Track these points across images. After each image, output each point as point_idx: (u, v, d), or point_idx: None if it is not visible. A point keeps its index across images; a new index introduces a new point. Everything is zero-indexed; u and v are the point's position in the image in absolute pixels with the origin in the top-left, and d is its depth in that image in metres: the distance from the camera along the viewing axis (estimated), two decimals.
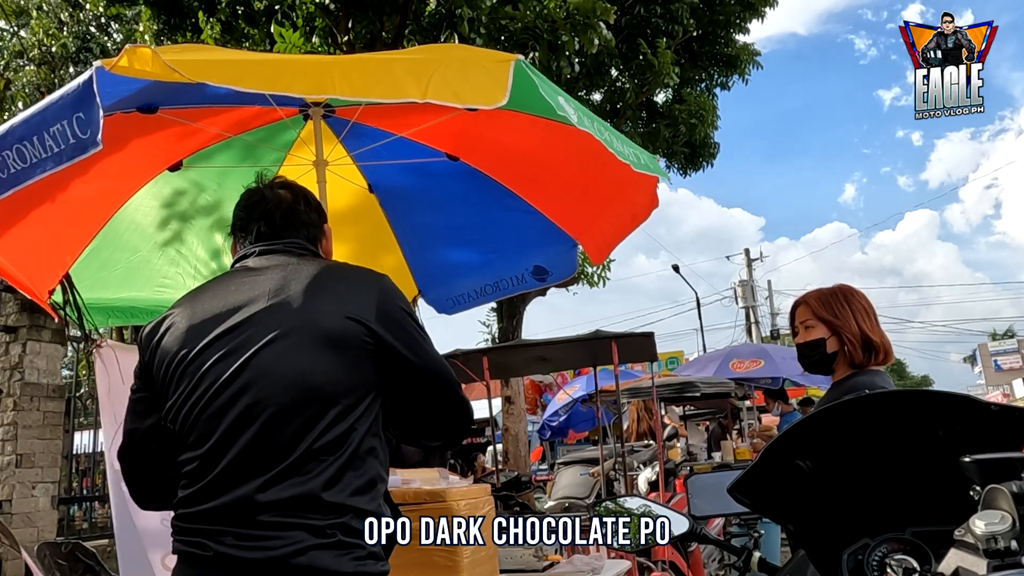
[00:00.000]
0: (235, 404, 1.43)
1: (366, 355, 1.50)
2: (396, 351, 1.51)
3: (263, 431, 1.41)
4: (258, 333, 1.47)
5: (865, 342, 2.05)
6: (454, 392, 1.60)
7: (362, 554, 1.42)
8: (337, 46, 7.40)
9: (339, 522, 1.39)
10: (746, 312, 26.40)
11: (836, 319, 2.08)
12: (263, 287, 1.54)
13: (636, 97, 9.34)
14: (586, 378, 9.19)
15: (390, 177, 3.30)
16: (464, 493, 2.16)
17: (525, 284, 3.66)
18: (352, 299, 1.53)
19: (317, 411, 1.43)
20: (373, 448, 1.50)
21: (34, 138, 1.81)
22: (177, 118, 2.48)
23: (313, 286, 1.53)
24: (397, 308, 1.57)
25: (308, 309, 1.49)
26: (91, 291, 2.92)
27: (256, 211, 1.72)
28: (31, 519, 5.69)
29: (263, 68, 1.94)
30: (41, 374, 5.88)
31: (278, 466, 1.39)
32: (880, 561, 0.99)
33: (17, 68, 11.99)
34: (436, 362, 1.58)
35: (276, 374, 1.44)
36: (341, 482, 1.42)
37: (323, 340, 1.47)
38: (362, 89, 1.91)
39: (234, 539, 1.37)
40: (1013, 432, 0.98)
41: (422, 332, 1.59)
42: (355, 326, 1.49)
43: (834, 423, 1.06)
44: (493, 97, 1.88)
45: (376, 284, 1.58)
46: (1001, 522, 0.81)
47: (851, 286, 2.16)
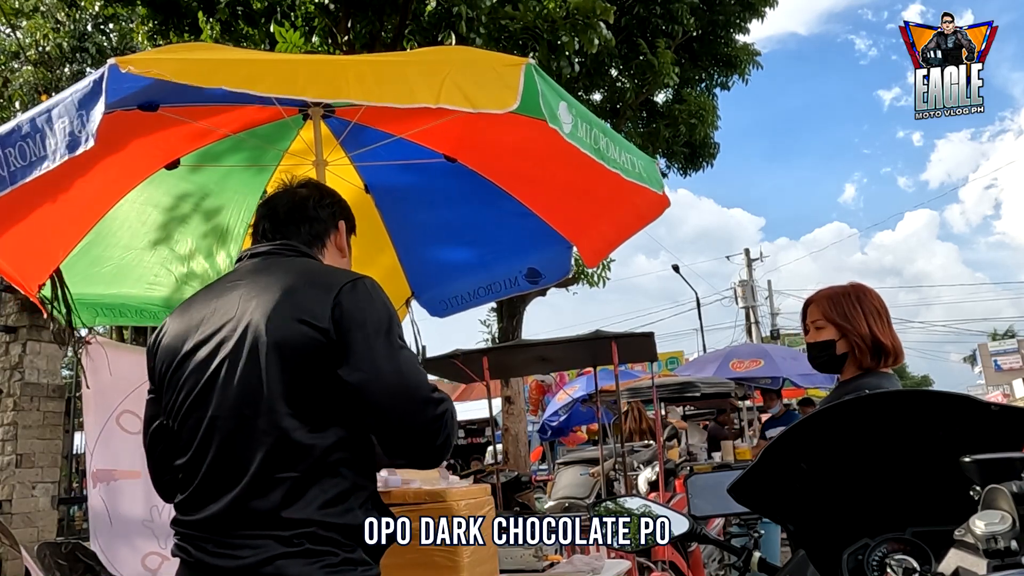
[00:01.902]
0: (203, 419, 1.47)
1: (319, 361, 1.42)
2: (346, 358, 1.40)
3: (223, 448, 1.44)
4: (223, 344, 1.48)
5: (875, 345, 2.02)
6: (417, 409, 1.42)
7: (334, 561, 1.39)
8: (337, 46, 7.40)
9: (306, 532, 1.38)
10: (746, 312, 26.41)
11: (846, 322, 2.05)
12: (237, 296, 1.54)
13: (636, 97, 9.33)
14: (586, 378, 9.19)
15: (386, 177, 3.30)
16: (464, 493, 2.16)
17: (518, 287, 3.65)
18: (309, 302, 1.45)
19: (268, 425, 1.41)
20: (344, 458, 1.44)
21: (37, 136, 1.82)
22: (178, 116, 2.47)
23: (276, 292, 1.49)
24: (358, 311, 1.44)
25: (264, 316, 1.46)
26: (81, 287, 2.92)
27: (265, 208, 1.74)
28: (31, 519, 5.69)
29: (278, 70, 1.91)
30: (41, 374, 5.88)
31: (240, 482, 1.41)
32: (880, 561, 0.99)
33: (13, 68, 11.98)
34: (396, 374, 1.42)
35: (229, 389, 1.45)
36: (304, 497, 1.39)
37: (273, 348, 1.43)
38: (376, 94, 1.89)
39: (213, 546, 1.42)
40: (1013, 432, 0.98)
41: (389, 338, 1.44)
42: (306, 330, 1.42)
43: (834, 423, 1.06)
44: (504, 102, 1.88)
45: (340, 285, 1.47)
46: (1001, 522, 0.81)
47: (864, 285, 2.12)
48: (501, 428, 10.35)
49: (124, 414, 3.23)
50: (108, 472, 3.11)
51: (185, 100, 2.38)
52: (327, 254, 1.71)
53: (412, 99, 1.89)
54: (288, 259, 1.61)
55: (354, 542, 1.43)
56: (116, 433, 3.19)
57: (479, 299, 3.76)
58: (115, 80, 1.69)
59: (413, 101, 1.89)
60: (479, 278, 3.69)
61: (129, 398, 3.23)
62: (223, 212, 3.28)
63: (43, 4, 11.52)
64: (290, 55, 2.88)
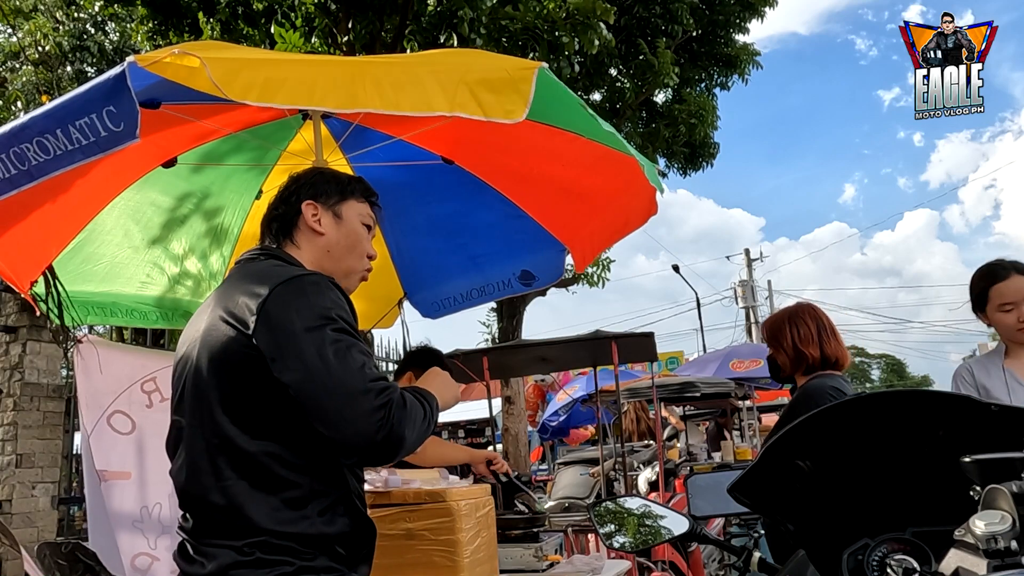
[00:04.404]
0: (180, 428, 1.50)
1: (249, 364, 1.38)
2: (277, 358, 1.35)
3: (187, 457, 1.46)
4: (189, 354, 1.51)
5: (798, 357, 2.46)
6: (352, 403, 1.33)
7: (288, 571, 1.36)
8: (337, 46, 7.39)
9: (257, 541, 1.36)
10: (746, 312, 26.41)
11: (775, 339, 2.53)
12: (208, 304, 1.55)
13: (636, 97, 9.33)
14: (586, 378, 9.19)
15: (381, 178, 3.30)
16: (464, 493, 2.15)
17: (511, 289, 3.65)
18: (239, 305, 1.41)
19: (212, 431, 1.41)
20: (295, 464, 1.39)
21: (57, 131, 1.82)
22: (179, 114, 2.46)
23: (222, 299, 1.48)
24: (284, 309, 1.38)
25: (207, 324, 1.47)
26: (73, 284, 2.92)
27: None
28: (31, 519, 5.69)
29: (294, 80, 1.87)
30: (41, 374, 5.88)
31: (200, 491, 1.42)
32: (880, 561, 0.99)
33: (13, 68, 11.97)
34: (326, 368, 1.34)
35: (188, 398, 1.48)
36: (256, 504, 1.37)
37: (207, 351, 1.43)
38: (393, 103, 1.86)
39: (191, 552, 1.44)
40: (1013, 432, 0.98)
41: (319, 333, 1.36)
42: (233, 332, 1.40)
43: (834, 423, 1.05)
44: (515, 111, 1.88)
45: (273, 285, 1.41)
46: (1001, 522, 0.81)
47: (804, 306, 2.57)
48: (501, 428, 10.35)
49: (115, 414, 3.18)
50: (99, 472, 3.09)
51: (188, 98, 2.38)
52: (301, 242, 1.64)
53: (428, 108, 1.87)
54: (254, 263, 1.59)
55: (315, 550, 1.39)
56: (107, 433, 3.14)
57: (472, 301, 3.76)
58: (136, 78, 1.70)
59: (429, 110, 1.87)
60: (472, 279, 3.69)
61: (120, 398, 3.19)
62: (219, 212, 3.27)
63: (43, 3, 11.52)
64: (300, 55, 2.86)
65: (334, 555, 1.42)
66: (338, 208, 1.67)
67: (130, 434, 3.20)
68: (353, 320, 1.46)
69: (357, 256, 1.68)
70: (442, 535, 2.05)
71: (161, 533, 3.19)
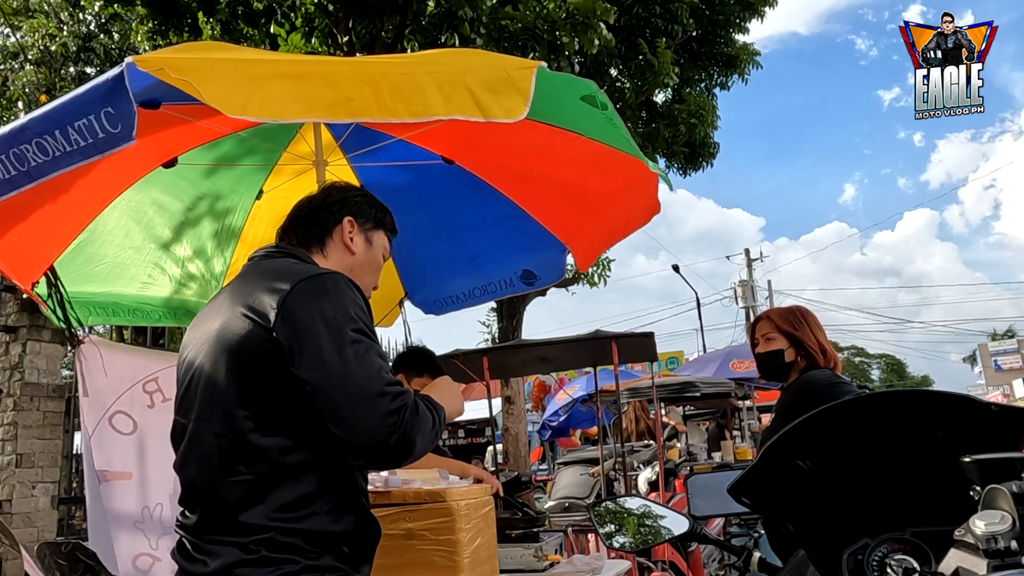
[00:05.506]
0: (185, 424, 1.50)
1: (269, 358, 1.38)
2: (297, 355, 1.36)
3: (193, 453, 1.46)
4: (200, 349, 1.51)
5: (823, 350, 2.46)
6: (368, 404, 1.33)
7: (294, 569, 1.35)
8: (337, 47, 7.39)
9: (263, 538, 1.36)
10: (746, 312, 26.42)
11: (796, 331, 2.49)
12: (219, 300, 1.56)
13: (636, 97, 9.32)
14: (586, 378, 9.19)
15: (382, 177, 3.30)
16: (464, 493, 2.15)
17: (513, 288, 3.66)
18: (259, 300, 1.42)
19: (225, 426, 1.41)
20: (305, 461, 1.40)
21: (56, 132, 1.82)
22: (180, 114, 2.46)
23: (241, 294, 1.48)
24: (306, 306, 1.39)
25: (224, 319, 1.47)
26: (75, 285, 2.92)
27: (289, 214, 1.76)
28: (31, 519, 5.69)
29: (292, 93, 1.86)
30: (41, 374, 5.88)
31: (207, 487, 1.42)
32: (880, 561, 0.99)
33: (15, 68, 11.98)
34: (345, 368, 1.34)
35: (199, 394, 1.47)
36: (262, 502, 1.36)
37: (224, 346, 1.43)
38: (391, 110, 1.86)
39: (192, 551, 1.43)
40: (1013, 432, 0.98)
41: (339, 332, 1.37)
42: (252, 327, 1.40)
43: (834, 423, 1.05)
44: (516, 110, 1.88)
45: (295, 281, 1.42)
46: (1001, 522, 0.81)
47: (805, 308, 2.62)
48: (501, 428, 10.35)
49: (117, 415, 3.17)
50: (100, 473, 3.08)
51: (189, 99, 2.38)
52: (330, 252, 1.67)
53: (426, 112, 1.87)
54: (271, 260, 1.59)
55: (321, 548, 1.39)
56: (108, 434, 3.13)
57: (474, 299, 3.77)
58: (135, 79, 1.70)
59: (427, 115, 1.87)
60: (474, 279, 3.69)
61: (122, 398, 3.18)
62: (220, 212, 3.27)
63: (47, 4, 11.52)
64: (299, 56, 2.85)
65: (339, 554, 1.42)
66: (371, 234, 1.73)
67: (132, 434, 3.20)
68: (371, 321, 1.47)
69: (368, 283, 1.73)
70: (442, 535, 2.05)
71: (163, 533, 3.19)
